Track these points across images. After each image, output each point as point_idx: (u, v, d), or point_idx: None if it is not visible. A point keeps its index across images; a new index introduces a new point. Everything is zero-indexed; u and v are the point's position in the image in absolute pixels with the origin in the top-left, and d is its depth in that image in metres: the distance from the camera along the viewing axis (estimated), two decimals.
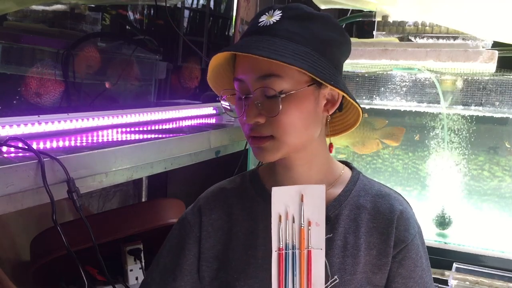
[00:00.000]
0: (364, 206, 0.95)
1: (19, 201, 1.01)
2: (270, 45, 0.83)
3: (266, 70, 0.85)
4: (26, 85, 1.61)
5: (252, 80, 0.86)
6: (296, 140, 0.89)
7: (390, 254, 0.92)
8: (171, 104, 2.24)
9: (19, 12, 1.68)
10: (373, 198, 0.96)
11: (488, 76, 1.75)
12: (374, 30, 1.87)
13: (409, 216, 0.96)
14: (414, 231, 0.95)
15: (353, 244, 0.92)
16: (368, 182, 1.00)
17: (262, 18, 0.88)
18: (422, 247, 0.97)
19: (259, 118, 0.87)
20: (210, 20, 2.91)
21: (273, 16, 0.87)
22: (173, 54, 2.52)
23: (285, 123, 0.86)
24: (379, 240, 0.92)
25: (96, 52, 1.97)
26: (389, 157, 2.03)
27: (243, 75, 0.88)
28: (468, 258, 1.65)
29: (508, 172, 1.86)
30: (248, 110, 0.87)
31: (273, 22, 0.86)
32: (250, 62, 0.86)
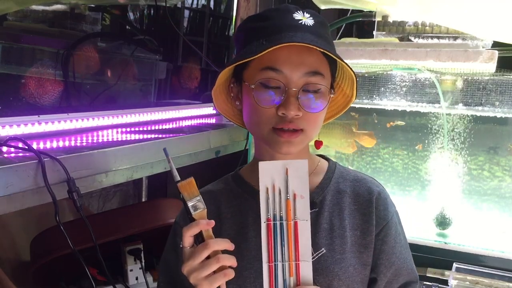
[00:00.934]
0: (344, 191, 1.01)
1: (19, 201, 1.01)
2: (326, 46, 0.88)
3: (314, 67, 0.89)
4: (26, 85, 1.61)
5: (298, 74, 0.89)
6: (315, 135, 0.96)
7: (373, 233, 0.97)
8: (171, 104, 2.24)
9: (19, 12, 1.68)
10: (351, 183, 1.02)
11: (488, 76, 1.75)
12: (374, 30, 1.87)
13: (386, 196, 1.02)
14: (392, 210, 1.01)
15: (338, 226, 0.97)
16: (344, 169, 1.06)
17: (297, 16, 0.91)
18: (400, 225, 1.04)
19: (299, 112, 0.89)
20: (210, 20, 2.91)
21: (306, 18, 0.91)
22: (173, 54, 2.52)
23: (318, 120, 0.93)
24: (362, 220, 0.98)
25: (96, 52, 1.97)
26: (389, 157, 2.03)
27: (286, 67, 0.88)
28: (468, 258, 1.65)
29: (508, 172, 1.86)
30: (289, 102, 0.89)
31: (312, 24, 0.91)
32: (299, 56, 0.88)
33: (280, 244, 0.88)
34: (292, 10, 0.92)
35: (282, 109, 0.89)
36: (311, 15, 0.92)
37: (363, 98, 1.95)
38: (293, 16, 0.91)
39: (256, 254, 0.94)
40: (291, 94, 0.89)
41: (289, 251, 0.88)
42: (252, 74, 0.92)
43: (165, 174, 2.38)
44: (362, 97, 1.95)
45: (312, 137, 0.96)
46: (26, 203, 1.03)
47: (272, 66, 0.89)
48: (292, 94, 0.89)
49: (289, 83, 0.89)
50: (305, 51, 0.89)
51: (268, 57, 0.89)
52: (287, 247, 0.87)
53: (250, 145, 1.87)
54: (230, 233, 0.98)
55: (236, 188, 1.03)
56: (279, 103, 0.89)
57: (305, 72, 0.89)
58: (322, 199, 0.99)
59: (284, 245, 0.87)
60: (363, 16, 1.94)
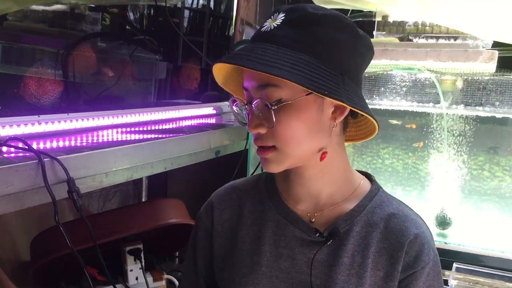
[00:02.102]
0: (377, 224, 0.90)
1: (19, 201, 1.01)
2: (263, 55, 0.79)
3: (263, 79, 0.82)
4: (26, 85, 1.61)
5: (254, 89, 0.85)
6: (299, 151, 0.86)
7: (397, 279, 0.87)
8: (171, 104, 2.24)
9: (19, 12, 1.68)
10: (388, 217, 0.91)
11: (488, 76, 1.75)
12: (374, 30, 1.87)
13: (424, 242, 0.89)
14: (428, 259, 0.88)
15: (360, 263, 0.88)
16: (387, 199, 0.95)
17: (266, 22, 0.85)
18: (436, 277, 0.91)
19: (260, 129, 0.85)
20: (210, 20, 2.90)
21: (276, 20, 0.84)
22: (173, 54, 2.52)
23: (284, 134, 0.84)
24: (388, 262, 0.88)
25: (96, 52, 1.97)
26: (389, 157, 2.03)
27: (247, 83, 0.86)
28: (468, 258, 1.65)
29: (508, 172, 1.86)
30: (250, 119, 0.86)
31: (274, 27, 0.83)
32: (251, 72, 0.83)
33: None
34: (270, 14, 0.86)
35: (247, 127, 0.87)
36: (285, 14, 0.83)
37: None
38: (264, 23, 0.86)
39: (266, 270, 0.91)
40: (250, 110, 0.85)
41: None
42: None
43: (165, 174, 2.38)
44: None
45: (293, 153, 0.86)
46: (26, 203, 1.03)
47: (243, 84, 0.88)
48: (251, 111, 0.85)
49: (250, 100, 0.86)
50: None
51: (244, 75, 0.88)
52: None
53: (250, 145, 1.87)
54: (246, 241, 0.95)
55: (264, 192, 0.98)
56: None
57: (257, 86, 0.84)
58: (348, 229, 0.90)
59: None
60: (363, 16, 1.94)
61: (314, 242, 0.90)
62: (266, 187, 0.99)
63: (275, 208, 0.95)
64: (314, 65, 0.80)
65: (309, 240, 0.90)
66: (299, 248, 0.90)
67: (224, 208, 0.99)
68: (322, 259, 0.89)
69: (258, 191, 0.99)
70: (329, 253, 0.89)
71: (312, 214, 0.93)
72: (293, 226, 0.92)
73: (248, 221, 0.96)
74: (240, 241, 0.95)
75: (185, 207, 1.70)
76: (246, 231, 0.95)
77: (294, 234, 0.91)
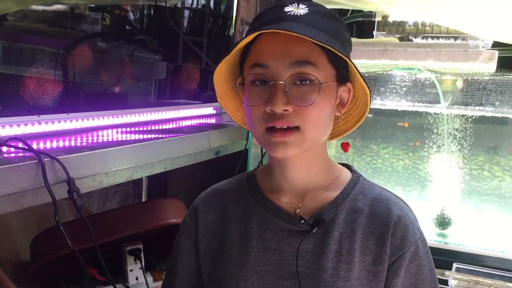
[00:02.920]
0: (361, 210, 0.91)
1: (19, 201, 1.01)
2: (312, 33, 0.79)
3: (302, 56, 0.81)
4: (26, 85, 1.61)
5: (284, 66, 0.82)
6: (318, 136, 0.87)
7: (386, 261, 0.87)
8: (171, 104, 2.24)
9: (19, 12, 1.68)
10: (371, 202, 0.92)
11: (488, 76, 1.75)
12: (374, 30, 1.87)
13: (409, 223, 0.90)
14: (414, 239, 0.89)
15: (347, 249, 0.88)
16: (368, 185, 0.96)
17: (288, 8, 0.84)
18: (425, 256, 0.91)
19: (288, 107, 0.81)
20: (210, 20, 2.91)
21: (299, 9, 0.84)
22: (173, 54, 2.53)
23: (314, 115, 0.83)
24: (375, 246, 0.88)
25: (96, 52, 1.97)
26: (389, 157, 2.03)
27: (270, 61, 0.82)
28: (468, 258, 1.65)
29: (508, 172, 1.86)
30: (275, 97, 0.81)
31: (304, 13, 0.83)
32: (283, 47, 0.82)
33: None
34: (286, 3, 0.86)
35: (269, 105, 0.82)
36: (308, 6, 0.85)
37: None
38: (284, 9, 0.84)
39: (255, 265, 0.90)
40: (277, 88, 0.82)
41: None
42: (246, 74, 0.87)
43: (165, 174, 2.38)
44: None
45: (313, 137, 0.85)
46: (26, 203, 1.03)
47: (258, 62, 0.84)
48: (278, 88, 0.82)
49: (275, 77, 0.82)
50: (290, 41, 0.81)
51: (255, 53, 0.85)
52: None
53: (250, 145, 1.87)
54: (233, 238, 0.94)
55: (246, 190, 0.98)
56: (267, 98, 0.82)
57: (291, 63, 0.81)
58: (333, 216, 0.90)
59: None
60: (363, 16, 1.94)
61: (300, 231, 0.89)
62: (248, 185, 0.98)
63: (258, 203, 0.94)
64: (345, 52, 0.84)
65: (295, 230, 0.90)
66: (285, 239, 0.90)
67: (207, 209, 0.99)
68: (309, 249, 0.89)
69: (241, 190, 0.99)
70: (316, 242, 0.89)
71: (296, 205, 0.92)
72: (278, 219, 0.91)
73: (233, 219, 0.95)
74: (227, 240, 0.94)
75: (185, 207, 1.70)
76: (232, 229, 0.95)
77: (279, 226, 0.91)
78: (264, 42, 0.84)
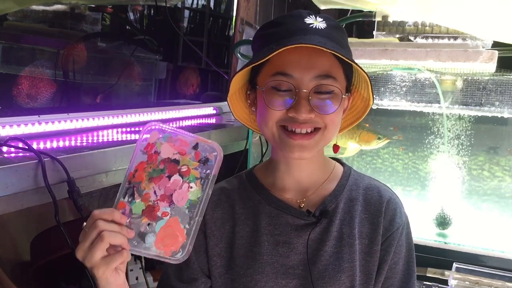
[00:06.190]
0: (356, 199, 1.01)
1: (19, 201, 1.01)
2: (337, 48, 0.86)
3: (325, 70, 0.89)
4: (26, 85, 1.61)
5: (309, 77, 0.88)
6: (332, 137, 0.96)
7: (379, 242, 0.98)
8: (171, 104, 2.24)
9: (19, 12, 1.68)
10: (364, 191, 1.02)
11: (488, 76, 1.75)
12: (374, 30, 1.87)
13: (396, 206, 1.01)
14: (401, 221, 1.00)
15: (348, 234, 0.97)
16: (359, 176, 1.06)
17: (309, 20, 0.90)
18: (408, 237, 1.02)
19: (311, 114, 0.90)
20: (210, 20, 2.90)
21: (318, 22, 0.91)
22: (173, 54, 2.52)
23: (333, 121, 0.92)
24: (370, 229, 0.98)
25: (96, 52, 1.97)
26: (389, 157, 2.03)
27: (296, 71, 0.89)
28: (468, 258, 1.65)
29: (508, 172, 1.86)
30: (300, 105, 0.89)
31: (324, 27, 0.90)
32: (309, 60, 0.88)
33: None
34: (304, 15, 0.92)
35: (292, 111, 0.89)
36: (324, 19, 0.92)
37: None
38: (305, 20, 0.90)
39: (268, 259, 0.96)
40: (302, 96, 0.89)
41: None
42: (264, 79, 0.92)
43: None
44: None
45: (329, 138, 0.95)
46: (26, 203, 1.03)
47: (282, 71, 0.89)
48: (303, 96, 0.89)
49: (300, 86, 0.89)
50: (315, 54, 0.88)
51: (279, 62, 0.90)
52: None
53: (250, 145, 1.87)
54: (243, 235, 0.99)
55: (250, 189, 1.03)
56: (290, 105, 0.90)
57: (316, 75, 0.89)
58: (335, 207, 0.99)
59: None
60: (363, 16, 1.93)
61: (307, 224, 0.97)
62: (250, 184, 1.04)
63: (264, 200, 1.00)
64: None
65: (303, 224, 0.97)
66: (294, 232, 0.97)
67: (215, 207, 1.02)
68: (315, 238, 0.97)
69: (244, 189, 1.04)
70: (321, 231, 0.97)
71: (301, 200, 1.00)
72: (285, 214, 0.98)
73: (242, 217, 1.00)
74: (238, 236, 0.99)
75: None
76: (243, 226, 1.00)
77: (287, 221, 0.98)
78: (288, 53, 0.88)
